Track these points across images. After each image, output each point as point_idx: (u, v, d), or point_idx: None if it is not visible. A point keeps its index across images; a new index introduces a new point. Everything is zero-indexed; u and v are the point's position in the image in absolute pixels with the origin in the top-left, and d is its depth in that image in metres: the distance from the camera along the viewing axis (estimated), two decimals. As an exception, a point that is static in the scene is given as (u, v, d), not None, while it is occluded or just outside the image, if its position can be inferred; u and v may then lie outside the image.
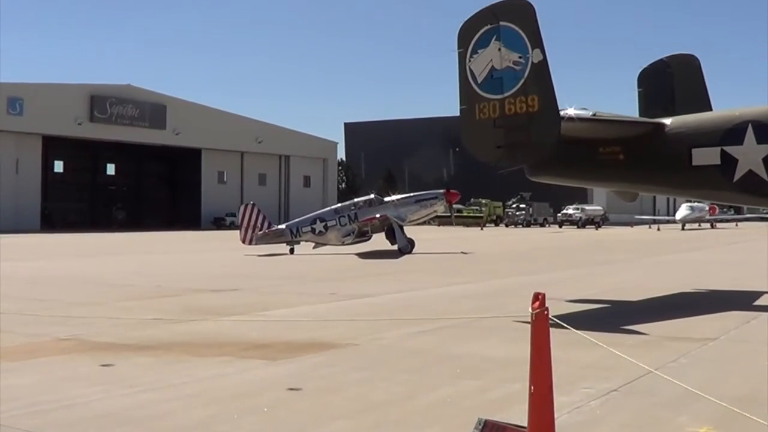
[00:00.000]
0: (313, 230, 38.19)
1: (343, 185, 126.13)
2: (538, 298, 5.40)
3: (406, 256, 34.45)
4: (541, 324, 5.46)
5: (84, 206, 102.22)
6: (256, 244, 38.10)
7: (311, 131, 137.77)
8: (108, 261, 33.82)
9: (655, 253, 38.15)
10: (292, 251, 37.29)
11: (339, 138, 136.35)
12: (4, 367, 9.68)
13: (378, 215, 36.80)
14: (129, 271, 27.30)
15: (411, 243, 36.59)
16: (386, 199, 39.63)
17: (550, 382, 5.62)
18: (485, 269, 27.72)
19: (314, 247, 37.60)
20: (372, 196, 39.96)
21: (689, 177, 16.15)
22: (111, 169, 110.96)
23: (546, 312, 5.44)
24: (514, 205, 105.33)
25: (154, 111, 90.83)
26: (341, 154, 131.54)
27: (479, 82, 14.89)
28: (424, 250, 36.69)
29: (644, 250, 41.39)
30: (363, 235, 37.76)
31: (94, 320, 13.82)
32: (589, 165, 16.92)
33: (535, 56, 14.24)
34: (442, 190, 40.02)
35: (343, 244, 37.66)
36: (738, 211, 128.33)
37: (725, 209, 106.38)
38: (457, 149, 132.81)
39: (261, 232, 38.19)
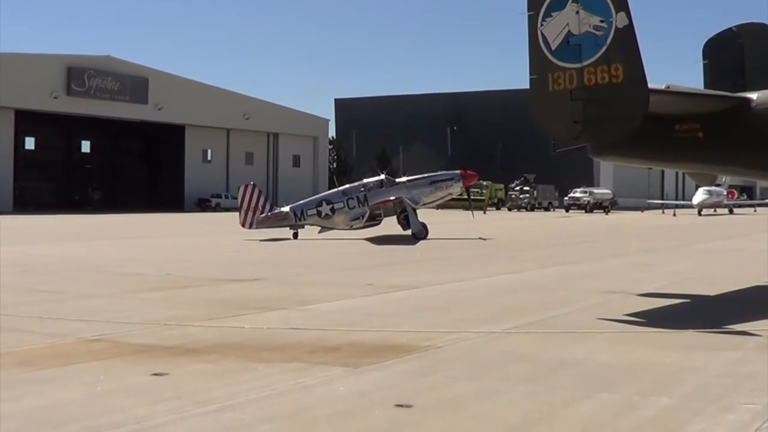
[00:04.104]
0: (318, 213, 36.97)
1: (334, 165, 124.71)
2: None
3: (423, 241, 33.48)
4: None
5: (57, 186, 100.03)
6: (257, 227, 36.94)
7: (301, 107, 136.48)
8: (98, 245, 32.65)
9: (695, 240, 37.24)
10: (295, 236, 36.17)
11: (329, 115, 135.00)
12: (39, 377, 8.63)
13: (393, 197, 35.73)
14: (127, 257, 26.23)
15: (425, 228, 35.55)
16: (398, 180, 38.63)
17: None
18: (518, 257, 26.77)
19: (320, 232, 36.45)
20: (383, 176, 38.78)
21: None
22: (86, 146, 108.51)
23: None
24: (517, 188, 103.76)
25: (135, 84, 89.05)
26: (332, 132, 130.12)
27: (553, 49, 13.81)
28: (437, 235, 35.66)
29: (681, 236, 40.50)
30: (373, 219, 36.72)
31: (118, 316, 12.79)
32: (663, 144, 15.86)
33: (620, 20, 13.21)
34: (458, 171, 38.80)
35: (351, 228, 36.55)
36: (750, 196, 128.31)
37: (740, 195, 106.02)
38: (455, 128, 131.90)
39: (263, 215, 37.02)
